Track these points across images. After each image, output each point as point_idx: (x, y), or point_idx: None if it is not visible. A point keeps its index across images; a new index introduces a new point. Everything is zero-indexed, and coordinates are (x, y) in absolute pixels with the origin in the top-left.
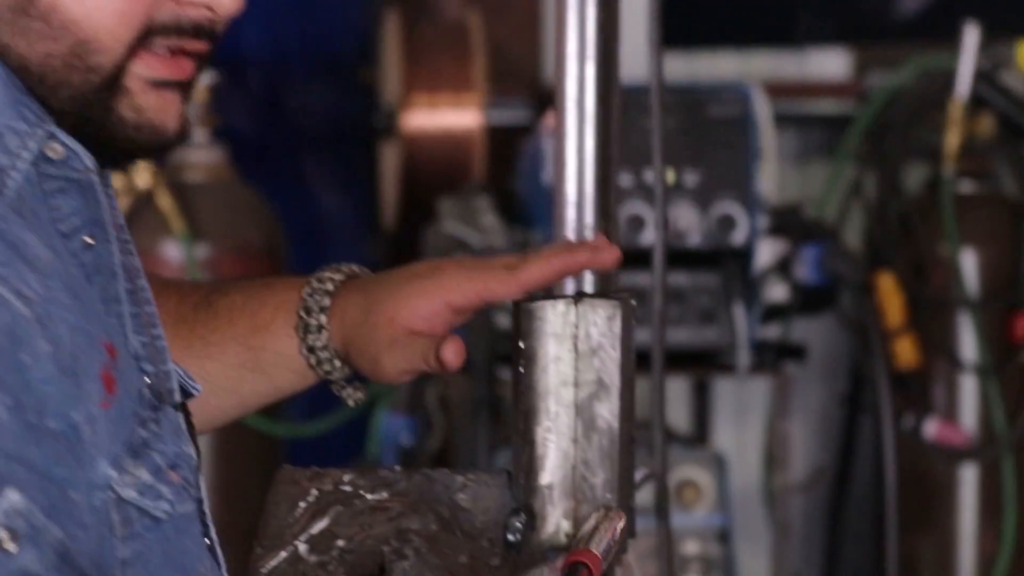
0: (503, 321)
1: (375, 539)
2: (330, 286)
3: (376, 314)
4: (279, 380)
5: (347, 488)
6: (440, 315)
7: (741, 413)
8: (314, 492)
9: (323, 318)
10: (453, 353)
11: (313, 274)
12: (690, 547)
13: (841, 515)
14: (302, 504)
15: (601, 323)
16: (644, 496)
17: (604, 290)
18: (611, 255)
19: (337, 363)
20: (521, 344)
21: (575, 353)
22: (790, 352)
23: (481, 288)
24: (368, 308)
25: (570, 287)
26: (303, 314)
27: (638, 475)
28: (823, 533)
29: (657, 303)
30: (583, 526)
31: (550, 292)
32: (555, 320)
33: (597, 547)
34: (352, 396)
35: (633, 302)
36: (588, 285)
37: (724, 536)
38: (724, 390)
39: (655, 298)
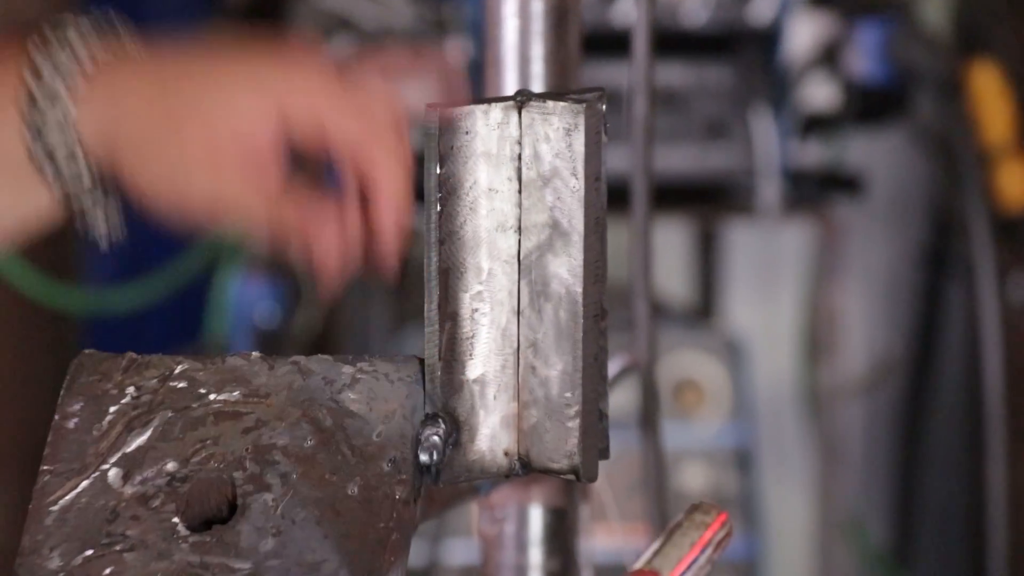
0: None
1: (222, 460)
2: (82, 50)
3: (184, 107)
4: None
5: (180, 384)
6: (268, 127)
7: (767, 276)
8: (131, 390)
9: (61, 88)
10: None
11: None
12: (693, 476)
13: (920, 429)
14: (112, 408)
15: (556, 138)
16: (623, 398)
17: (561, 90)
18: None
19: (82, 164)
20: (437, 170)
21: (518, 183)
22: (841, 184)
23: (335, 103)
24: (168, 91)
25: (511, 86)
26: (31, 79)
27: (613, 367)
28: (893, 456)
29: (640, 109)
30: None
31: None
32: (488, 134)
33: (673, 567)
34: (109, 222)
35: (603, 107)
36: (536, 82)
37: (744, 460)
38: (742, 241)
39: (637, 102)
